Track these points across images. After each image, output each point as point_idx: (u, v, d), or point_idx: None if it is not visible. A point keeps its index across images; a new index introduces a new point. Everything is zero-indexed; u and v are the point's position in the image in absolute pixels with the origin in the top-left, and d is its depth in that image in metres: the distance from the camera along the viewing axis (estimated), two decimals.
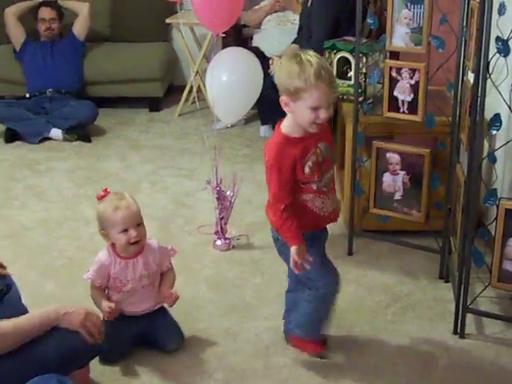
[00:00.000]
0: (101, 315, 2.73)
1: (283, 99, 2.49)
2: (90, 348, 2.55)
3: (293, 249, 2.57)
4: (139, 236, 2.82)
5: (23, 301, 2.75)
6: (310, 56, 2.44)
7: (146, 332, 2.93)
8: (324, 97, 2.42)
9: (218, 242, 3.82)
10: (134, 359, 2.90)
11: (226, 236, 3.83)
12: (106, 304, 2.78)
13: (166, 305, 2.96)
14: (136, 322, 2.92)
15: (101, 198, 2.86)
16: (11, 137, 5.68)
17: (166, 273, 2.97)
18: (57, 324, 2.46)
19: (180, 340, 2.97)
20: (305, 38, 5.11)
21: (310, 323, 2.84)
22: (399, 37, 3.28)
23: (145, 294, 2.90)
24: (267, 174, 2.60)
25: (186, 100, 6.38)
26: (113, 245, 2.86)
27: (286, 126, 2.56)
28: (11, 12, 6.20)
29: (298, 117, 2.49)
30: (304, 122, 2.49)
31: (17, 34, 6.19)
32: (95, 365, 2.79)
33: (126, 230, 2.79)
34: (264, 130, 5.66)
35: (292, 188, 2.56)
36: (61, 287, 3.45)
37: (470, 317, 3.07)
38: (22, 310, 2.62)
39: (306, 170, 2.54)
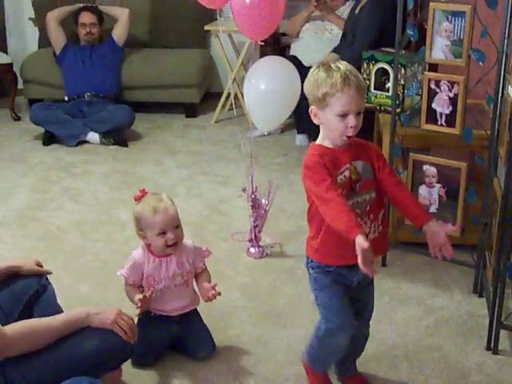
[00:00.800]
0: (134, 316, 2.74)
1: (312, 109, 2.41)
2: (122, 348, 2.56)
3: (356, 242, 2.23)
4: (176, 238, 2.83)
5: (58, 302, 2.78)
6: (339, 63, 2.39)
7: (178, 337, 2.95)
8: (352, 102, 2.33)
9: (252, 250, 3.83)
10: (166, 363, 2.92)
11: (260, 244, 3.84)
12: (138, 296, 2.78)
13: (202, 300, 2.95)
14: (169, 326, 2.92)
15: (138, 199, 2.87)
16: (49, 139, 5.75)
17: (200, 273, 2.97)
18: (88, 324, 2.47)
19: (211, 349, 2.96)
20: (347, 45, 5.11)
21: (311, 355, 2.69)
22: (439, 49, 3.27)
23: (178, 292, 2.90)
24: (304, 185, 2.44)
25: (223, 107, 6.40)
26: (148, 245, 2.88)
27: (319, 138, 2.48)
28: (53, 17, 6.28)
29: (327, 128, 2.41)
30: (334, 133, 2.39)
31: (57, 38, 6.27)
32: (127, 367, 2.81)
33: (163, 233, 2.81)
34: (300, 139, 5.66)
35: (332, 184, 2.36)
36: (95, 290, 3.48)
37: (503, 333, 3.05)
38: (57, 311, 2.65)
39: (340, 180, 2.41)
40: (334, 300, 2.52)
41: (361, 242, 2.21)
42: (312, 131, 5.19)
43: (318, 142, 2.48)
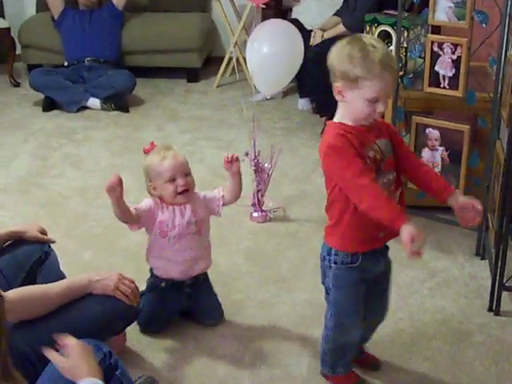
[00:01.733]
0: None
1: (337, 86, 2.20)
2: (126, 313, 2.58)
3: (402, 231, 2.14)
4: (187, 185, 2.78)
5: (62, 269, 2.79)
6: (375, 41, 2.21)
7: (187, 304, 2.93)
8: (387, 88, 2.18)
9: (255, 214, 3.83)
10: (170, 328, 2.93)
11: (263, 208, 3.85)
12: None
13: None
14: (180, 296, 2.90)
15: (148, 151, 2.85)
16: (49, 105, 5.72)
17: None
18: (90, 290, 2.49)
19: (219, 316, 2.97)
20: (349, 8, 5.06)
21: (328, 362, 2.60)
22: (442, 11, 3.25)
23: (191, 242, 2.83)
24: (328, 168, 2.27)
25: (225, 71, 6.37)
26: (160, 198, 2.81)
27: (338, 116, 2.28)
28: None
29: (352, 108, 2.22)
30: (359, 114, 2.21)
31: (55, 2, 6.19)
32: (131, 333, 2.82)
33: (173, 180, 2.75)
34: (302, 103, 5.64)
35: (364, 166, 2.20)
36: (99, 256, 3.49)
37: (505, 294, 3.06)
38: (61, 278, 2.66)
39: (368, 160, 2.24)
40: (350, 302, 2.43)
41: (410, 230, 2.11)
42: (314, 95, 5.22)
43: (337, 119, 2.28)
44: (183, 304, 2.93)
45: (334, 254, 2.40)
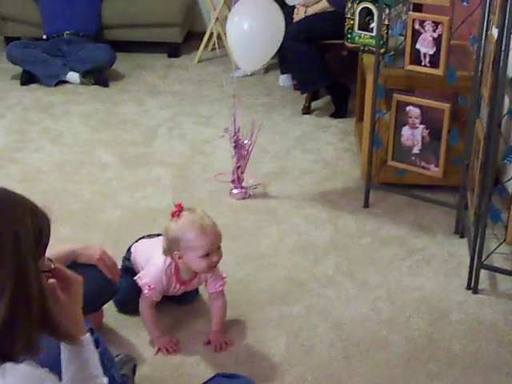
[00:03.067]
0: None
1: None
2: (103, 290, 2.57)
3: None
4: (219, 259, 2.63)
5: None
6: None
7: None
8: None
9: (235, 191, 3.82)
10: None
11: (243, 185, 3.83)
12: (166, 339, 2.69)
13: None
14: None
15: (176, 215, 2.60)
16: (27, 79, 5.64)
17: (215, 299, 2.76)
18: (74, 258, 2.46)
19: (194, 296, 2.94)
20: None
21: None
22: None
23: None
24: None
25: (206, 46, 6.32)
26: (175, 266, 2.68)
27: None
28: None
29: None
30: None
31: None
32: (108, 310, 2.82)
33: (208, 255, 2.57)
34: (283, 79, 5.61)
35: None
36: (77, 231, 3.47)
37: (483, 272, 3.07)
38: None
39: None
40: None
41: None
42: (295, 72, 5.19)
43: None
44: None
45: None
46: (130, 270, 2.85)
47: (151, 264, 2.71)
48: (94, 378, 1.72)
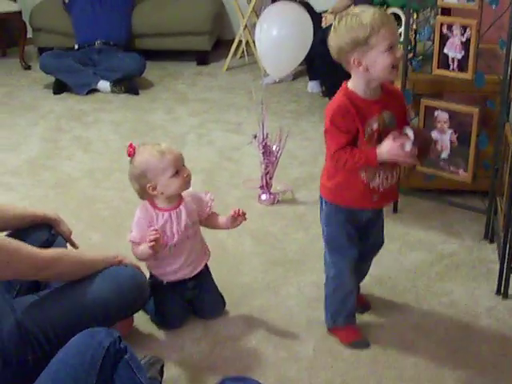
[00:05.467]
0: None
1: (354, 59, 2.36)
2: (135, 300, 2.63)
3: (380, 155, 2.38)
4: (189, 173, 2.72)
5: None
6: (357, 9, 2.40)
7: (191, 296, 2.88)
8: (395, 33, 2.37)
9: (263, 197, 3.83)
10: None
11: (271, 191, 3.85)
12: (150, 234, 2.64)
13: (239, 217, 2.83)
14: (183, 290, 2.85)
15: (132, 153, 2.71)
16: (59, 88, 5.74)
17: (211, 214, 2.87)
18: (116, 262, 2.60)
19: (221, 310, 2.93)
20: None
21: (331, 313, 2.76)
22: None
23: (190, 245, 2.81)
24: (326, 135, 2.49)
25: (234, 54, 6.35)
26: (150, 200, 2.74)
27: (353, 83, 2.46)
28: None
29: (375, 69, 2.37)
30: (383, 70, 2.36)
31: None
32: (139, 314, 2.83)
33: (177, 172, 2.67)
34: (312, 85, 5.62)
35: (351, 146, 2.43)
36: (107, 238, 3.51)
37: None
38: None
39: (366, 134, 2.43)
40: (341, 236, 2.61)
41: (385, 146, 2.37)
42: (323, 78, 5.19)
43: (351, 86, 2.46)
44: (188, 297, 2.88)
45: (326, 202, 2.62)
46: (156, 287, 2.83)
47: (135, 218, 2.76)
48: None
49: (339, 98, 2.44)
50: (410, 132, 2.39)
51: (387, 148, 2.37)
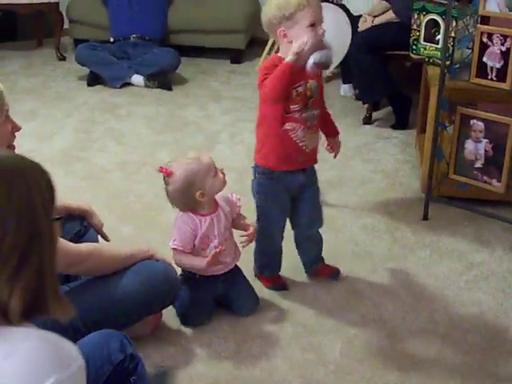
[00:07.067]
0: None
1: (280, 31, 2.68)
2: (164, 295, 2.64)
3: (290, 57, 2.65)
4: (223, 170, 2.81)
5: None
6: None
7: (223, 292, 2.90)
8: (318, 13, 2.67)
9: None
10: None
11: None
12: (210, 257, 2.73)
13: (244, 241, 2.88)
14: (215, 285, 2.87)
15: (170, 171, 2.74)
16: (93, 80, 5.77)
17: (238, 215, 2.91)
18: (149, 256, 2.63)
19: (255, 304, 2.96)
20: None
21: (258, 263, 3.10)
22: (493, 1, 3.20)
23: (227, 247, 2.83)
24: (260, 90, 2.80)
25: (268, 54, 6.34)
26: (192, 210, 2.77)
27: (282, 54, 2.75)
28: None
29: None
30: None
31: None
32: (168, 309, 2.84)
33: (216, 172, 2.74)
34: (345, 88, 5.61)
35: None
36: (138, 231, 3.53)
37: None
38: None
39: (294, 93, 2.74)
40: (272, 207, 2.92)
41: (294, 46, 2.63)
42: (357, 81, 5.18)
43: (281, 54, 2.76)
44: (219, 292, 2.90)
45: (257, 167, 2.92)
46: (188, 281, 2.86)
47: (174, 226, 2.82)
48: None
49: (271, 59, 2.81)
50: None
51: (295, 45, 2.63)
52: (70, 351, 1.40)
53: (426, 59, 3.93)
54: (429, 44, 3.91)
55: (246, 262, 3.08)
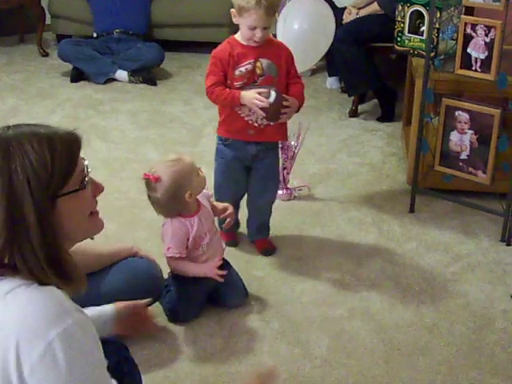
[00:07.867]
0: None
1: (232, 11, 2.93)
2: (149, 290, 2.62)
3: (242, 98, 2.95)
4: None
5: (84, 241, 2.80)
6: None
7: (214, 289, 2.89)
8: (260, 20, 2.86)
9: (280, 192, 3.80)
10: None
11: (288, 186, 3.83)
12: (212, 264, 2.77)
13: (227, 222, 2.97)
14: (206, 279, 2.82)
15: (157, 177, 2.71)
16: (77, 76, 5.71)
17: (212, 204, 2.94)
18: (133, 254, 2.64)
19: (245, 296, 2.95)
20: None
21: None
22: None
23: (215, 241, 2.85)
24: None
25: None
26: (180, 214, 2.76)
27: (238, 33, 3.01)
28: None
29: (241, 33, 2.97)
30: (243, 36, 2.96)
31: None
32: (154, 307, 2.83)
33: (197, 172, 2.77)
34: (331, 81, 5.59)
35: (223, 84, 2.99)
36: (122, 229, 3.50)
37: None
38: None
39: (237, 72, 2.97)
40: (224, 174, 3.19)
41: (248, 96, 2.93)
42: (343, 74, 5.16)
43: (236, 35, 3.02)
44: (210, 287, 2.87)
45: (218, 137, 3.20)
46: (185, 278, 2.83)
47: (163, 234, 2.80)
48: None
49: (223, 44, 3.02)
50: (272, 96, 2.91)
51: (249, 96, 2.92)
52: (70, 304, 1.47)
53: (411, 51, 3.91)
54: (413, 35, 3.89)
55: (235, 255, 3.06)
